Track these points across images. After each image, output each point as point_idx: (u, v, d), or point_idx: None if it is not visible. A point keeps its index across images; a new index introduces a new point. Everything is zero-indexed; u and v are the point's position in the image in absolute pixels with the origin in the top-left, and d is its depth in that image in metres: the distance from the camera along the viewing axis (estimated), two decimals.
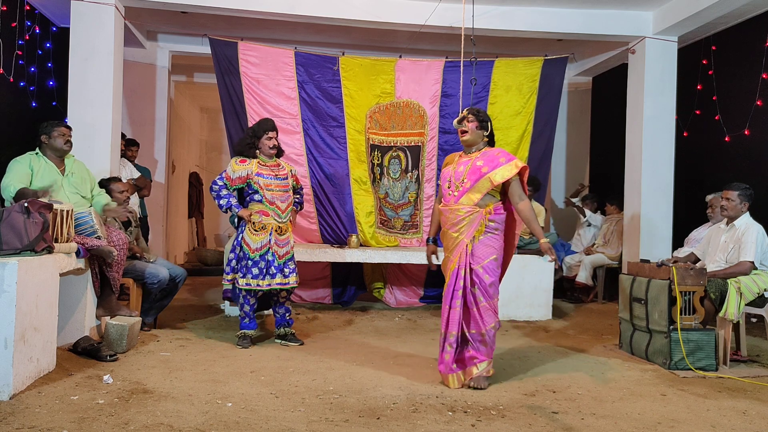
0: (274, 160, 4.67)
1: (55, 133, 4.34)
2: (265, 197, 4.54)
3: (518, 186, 3.72)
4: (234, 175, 4.54)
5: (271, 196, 4.55)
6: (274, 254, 4.53)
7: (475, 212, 3.67)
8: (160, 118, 7.83)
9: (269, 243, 4.52)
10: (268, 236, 4.52)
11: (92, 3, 5.59)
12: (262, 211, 4.54)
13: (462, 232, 3.67)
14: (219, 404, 3.16)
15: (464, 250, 3.67)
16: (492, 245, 3.69)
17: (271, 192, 4.56)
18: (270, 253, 4.52)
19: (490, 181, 3.65)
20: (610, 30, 6.52)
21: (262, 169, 4.57)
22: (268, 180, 4.56)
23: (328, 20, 6.22)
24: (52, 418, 2.87)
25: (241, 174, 4.54)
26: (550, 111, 6.89)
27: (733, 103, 6.32)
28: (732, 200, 4.55)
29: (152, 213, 7.27)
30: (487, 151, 3.77)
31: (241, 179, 4.55)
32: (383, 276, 6.72)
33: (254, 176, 4.54)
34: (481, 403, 3.32)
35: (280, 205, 4.58)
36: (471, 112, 3.79)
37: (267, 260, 4.52)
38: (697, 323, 4.21)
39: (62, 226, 3.72)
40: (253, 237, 4.51)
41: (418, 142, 6.64)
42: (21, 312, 3.21)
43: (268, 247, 4.52)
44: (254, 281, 4.49)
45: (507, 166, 3.67)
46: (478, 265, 3.64)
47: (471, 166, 3.71)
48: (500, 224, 3.74)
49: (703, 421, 3.14)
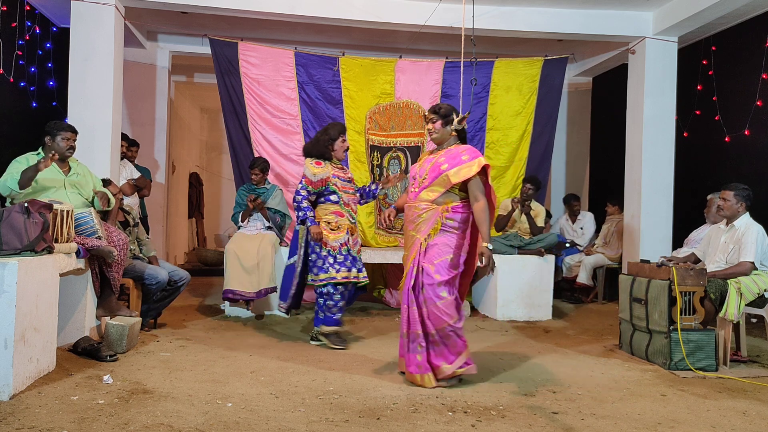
0: (340, 164, 4.69)
1: (59, 136, 4.32)
2: (342, 199, 4.55)
3: (476, 186, 3.62)
4: (315, 178, 4.49)
5: (347, 198, 4.58)
6: (353, 252, 4.58)
7: (432, 209, 3.64)
8: (160, 118, 7.83)
9: (347, 242, 4.54)
10: (345, 235, 4.53)
11: (92, 3, 5.59)
12: (338, 212, 4.55)
13: (418, 230, 3.66)
14: (219, 404, 3.16)
15: (419, 248, 3.64)
16: (448, 244, 3.62)
17: (346, 194, 4.58)
18: (350, 251, 4.56)
19: (448, 178, 3.61)
20: (610, 30, 6.53)
21: (337, 171, 4.58)
22: (343, 182, 4.59)
23: (328, 20, 6.23)
24: (52, 418, 2.87)
25: (321, 176, 4.50)
26: (550, 111, 6.89)
27: (733, 104, 6.32)
28: (728, 200, 4.55)
29: (152, 213, 7.27)
30: (453, 148, 3.73)
31: (321, 181, 4.51)
32: (383, 276, 6.72)
33: (332, 178, 4.52)
34: (481, 403, 3.32)
35: (353, 206, 4.64)
36: (432, 111, 3.77)
37: (352, 256, 4.56)
38: (697, 323, 4.21)
39: (62, 226, 3.72)
40: (330, 235, 4.50)
41: (417, 143, 6.64)
42: (21, 312, 3.21)
43: (349, 245, 4.55)
44: (350, 274, 4.50)
45: (468, 164, 3.60)
46: (430, 263, 3.60)
47: (434, 163, 3.70)
48: (460, 223, 3.66)
49: (703, 421, 3.14)
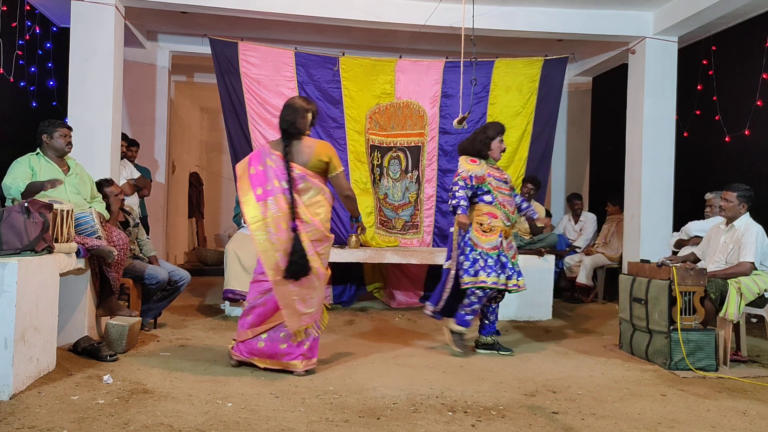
0: (496, 164, 4.59)
1: (56, 133, 4.32)
2: (497, 199, 4.43)
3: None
4: (469, 174, 4.39)
5: (502, 199, 4.46)
6: (507, 257, 4.43)
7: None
8: (160, 118, 7.82)
9: (501, 245, 4.40)
10: (498, 238, 4.40)
11: (92, 3, 5.59)
12: (491, 213, 4.42)
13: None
14: (219, 404, 3.16)
15: None
16: None
17: (501, 195, 4.46)
18: (504, 255, 4.41)
19: None
20: (610, 30, 6.52)
21: (492, 171, 4.48)
22: (498, 182, 4.47)
23: (328, 20, 6.22)
24: (52, 418, 2.87)
25: (477, 173, 4.40)
26: (550, 111, 6.89)
27: (733, 103, 6.31)
28: (730, 201, 4.55)
29: (152, 213, 7.27)
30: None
31: (477, 179, 4.40)
32: (383, 276, 6.72)
33: (487, 177, 4.43)
34: (481, 403, 3.32)
35: (509, 207, 4.50)
36: None
37: (502, 261, 4.40)
38: (697, 323, 4.21)
39: (62, 226, 3.72)
40: (482, 237, 4.38)
41: (418, 143, 6.64)
42: (21, 312, 3.21)
43: (501, 249, 4.40)
44: (499, 279, 4.35)
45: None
46: None
47: None
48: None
49: (703, 421, 3.14)
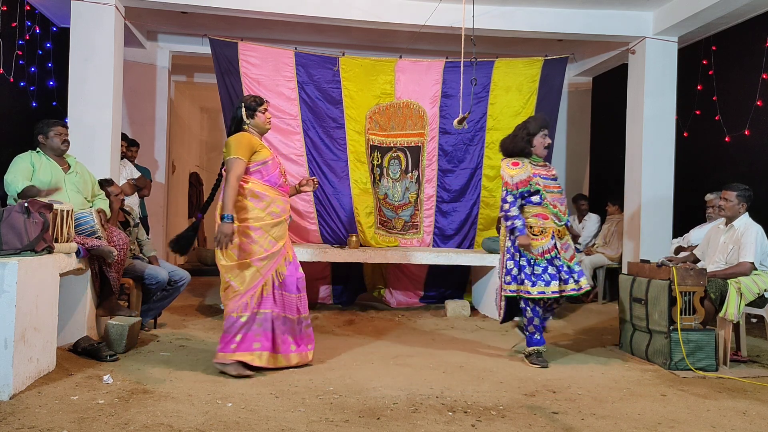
0: (542, 161, 4.33)
1: (51, 132, 4.31)
2: (546, 199, 4.17)
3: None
4: (513, 180, 4.14)
5: (552, 198, 4.19)
6: (562, 259, 4.18)
7: None
8: (160, 118, 7.83)
9: (554, 247, 4.16)
10: (550, 240, 4.16)
11: (92, 3, 5.59)
12: (541, 214, 4.17)
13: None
14: (219, 404, 3.16)
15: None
16: None
17: (551, 194, 4.20)
18: (558, 258, 4.16)
19: None
20: (610, 30, 6.52)
21: (538, 170, 4.21)
22: (546, 181, 4.21)
23: (328, 20, 6.22)
24: (52, 418, 2.87)
25: (521, 177, 4.14)
26: (550, 111, 6.87)
27: (733, 103, 6.32)
28: (730, 201, 4.54)
29: (152, 213, 7.27)
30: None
31: (522, 182, 4.14)
32: (383, 276, 6.72)
33: (533, 177, 4.17)
34: (481, 403, 3.32)
35: (560, 207, 4.22)
36: None
37: (556, 266, 4.15)
38: (697, 323, 4.21)
39: (62, 226, 3.72)
40: (534, 242, 4.13)
41: (418, 143, 6.64)
42: (21, 312, 3.21)
43: (555, 251, 4.16)
44: (548, 289, 4.09)
45: None
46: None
47: None
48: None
49: (703, 421, 3.14)
